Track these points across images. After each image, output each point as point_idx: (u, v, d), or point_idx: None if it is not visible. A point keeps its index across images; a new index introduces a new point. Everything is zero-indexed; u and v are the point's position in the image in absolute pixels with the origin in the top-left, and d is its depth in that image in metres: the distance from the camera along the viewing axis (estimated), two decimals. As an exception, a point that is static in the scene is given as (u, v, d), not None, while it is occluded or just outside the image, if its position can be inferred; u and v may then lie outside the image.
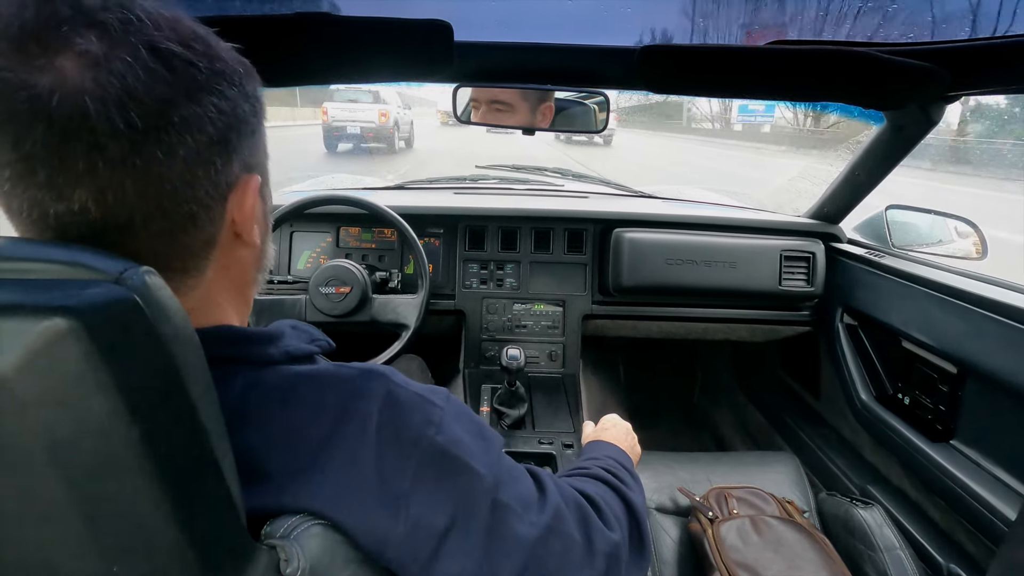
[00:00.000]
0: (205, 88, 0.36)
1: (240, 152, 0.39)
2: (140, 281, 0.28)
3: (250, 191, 0.41)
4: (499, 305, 1.45)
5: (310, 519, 0.37)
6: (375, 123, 10.01)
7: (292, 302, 1.19)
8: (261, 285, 0.50)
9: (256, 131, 0.42)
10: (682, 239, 1.37)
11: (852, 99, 0.91)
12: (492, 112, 1.08)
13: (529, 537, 0.44)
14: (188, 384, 0.29)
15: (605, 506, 0.54)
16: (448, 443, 0.42)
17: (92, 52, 0.31)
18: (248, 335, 0.42)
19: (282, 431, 0.39)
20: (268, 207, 0.47)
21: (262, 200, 0.45)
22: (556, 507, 0.47)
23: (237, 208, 0.40)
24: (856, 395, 1.29)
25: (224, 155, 0.38)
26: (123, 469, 0.26)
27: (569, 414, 1.28)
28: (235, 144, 0.39)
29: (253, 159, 0.42)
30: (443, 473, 0.41)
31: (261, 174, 0.44)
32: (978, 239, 1.15)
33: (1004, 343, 0.91)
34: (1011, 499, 0.90)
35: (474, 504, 0.42)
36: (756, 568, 0.85)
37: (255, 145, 0.42)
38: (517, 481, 0.46)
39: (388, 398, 0.42)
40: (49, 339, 0.23)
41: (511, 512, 0.43)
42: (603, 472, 0.63)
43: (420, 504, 0.40)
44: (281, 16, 0.74)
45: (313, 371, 0.42)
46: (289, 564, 0.34)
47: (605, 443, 0.75)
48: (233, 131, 0.38)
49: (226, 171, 0.38)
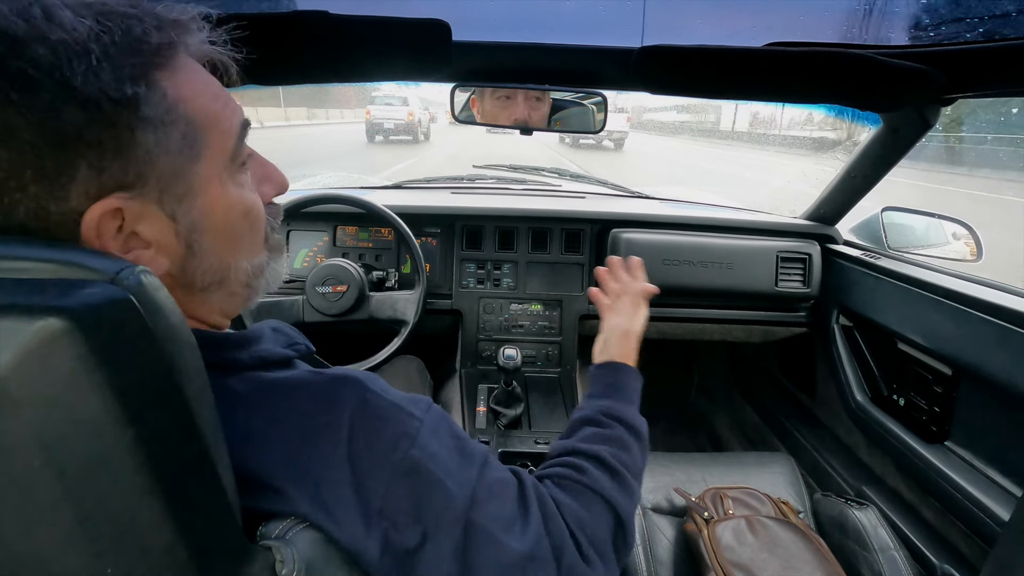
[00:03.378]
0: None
1: (84, 173, 0.32)
2: (136, 281, 0.27)
3: (100, 219, 0.33)
4: (496, 305, 1.45)
5: (304, 520, 0.37)
6: (404, 120, 13.08)
7: (289, 302, 1.19)
8: (233, 298, 0.45)
9: (124, 141, 0.33)
10: (679, 240, 1.38)
11: (848, 101, 0.92)
12: (493, 109, 1.07)
13: (502, 562, 0.41)
14: (183, 384, 0.29)
15: (587, 537, 0.48)
16: (423, 458, 0.40)
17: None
18: (219, 339, 0.41)
19: (251, 440, 0.37)
20: (186, 225, 0.38)
21: (170, 219, 0.37)
22: (536, 534, 0.44)
23: (94, 239, 0.33)
24: (851, 396, 1.29)
25: (42, 181, 0.31)
26: (117, 469, 0.26)
27: (566, 414, 1.28)
28: (64, 164, 0.31)
29: (129, 174, 0.34)
30: (415, 490, 0.39)
31: (160, 188, 0.36)
32: (973, 241, 1.16)
33: (999, 345, 0.91)
34: (1005, 500, 0.90)
35: (446, 525, 0.40)
36: (751, 568, 0.85)
37: (127, 157, 0.33)
38: (497, 499, 0.43)
39: (361, 407, 0.40)
40: (44, 339, 0.23)
41: (485, 535, 0.41)
42: (597, 472, 0.53)
43: (391, 521, 0.38)
44: (279, 14, 0.74)
45: (284, 378, 0.40)
46: (284, 565, 0.34)
47: (611, 383, 0.67)
48: (52, 149, 0.31)
49: (57, 197, 0.32)
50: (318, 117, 20.83)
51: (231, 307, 0.45)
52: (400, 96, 12.84)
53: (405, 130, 13.32)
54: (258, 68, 0.43)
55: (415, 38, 0.78)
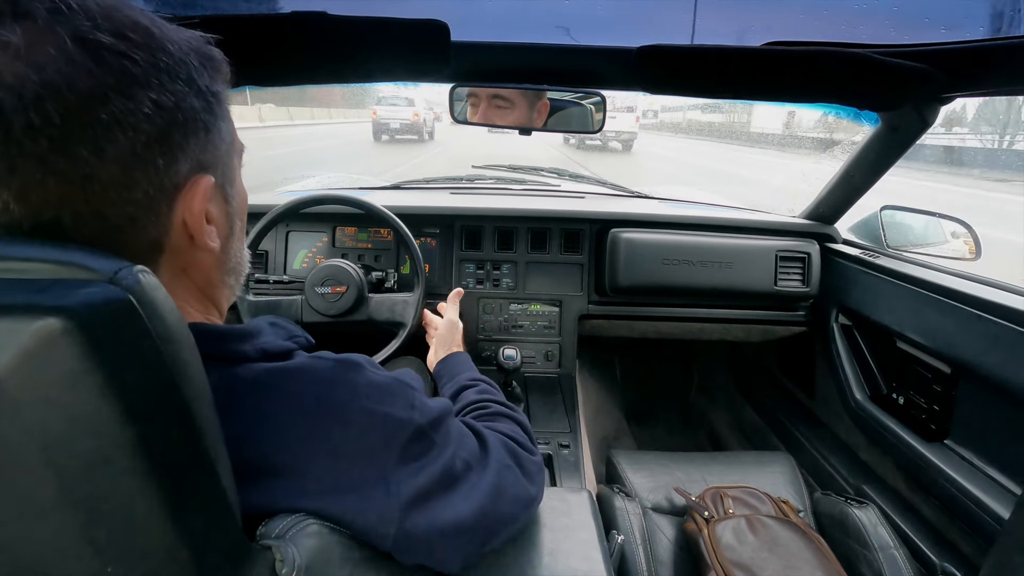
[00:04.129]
0: (140, 82, 0.33)
1: (188, 151, 0.37)
2: (134, 281, 0.27)
3: (200, 192, 0.38)
4: (495, 305, 1.45)
5: (305, 518, 0.37)
6: (409, 120, 13.80)
7: (289, 303, 1.19)
8: (235, 288, 0.49)
9: (212, 128, 0.39)
10: (678, 239, 1.38)
11: (847, 100, 0.92)
12: (492, 109, 1.07)
13: (484, 485, 0.51)
14: (183, 384, 0.29)
15: (514, 439, 0.62)
16: (428, 423, 0.46)
17: (14, 43, 0.29)
18: (222, 332, 0.42)
19: (261, 427, 0.39)
20: (234, 208, 0.45)
21: (224, 201, 0.43)
22: (497, 451, 0.56)
23: (187, 210, 0.38)
24: (851, 395, 1.29)
25: (167, 154, 0.35)
26: (117, 469, 0.26)
27: (565, 414, 1.28)
28: (180, 142, 0.36)
29: (207, 158, 0.39)
30: (425, 448, 0.45)
31: (222, 173, 0.42)
32: (972, 240, 1.16)
33: (998, 343, 0.91)
34: (1004, 498, 0.90)
35: (447, 469, 0.47)
36: (752, 568, 0.85)
37: (209, 143, 0.39)
38: (467, 438, 0.53)
39: (369, 385, 0.43)
40: (43, 339, 0.23)
41: (468, 469, 0.50)
42: (495, 406, 0.73)
43: (407, 480, 0.43)
44: (276, 15, 0.74)
45: (290, 366, 0.42)
46: (284, 564, 0.34)
47: (458, 360, 0.93)
48: (177, 128, 0.36)
49: (170, 171, 0.36)
50: (341, 116, 22.27)
51: (230, 297, 0.49)
52: (405, 97, 13.60)
53: (410, 129, 14.08)
54: (256, 69, 0.44)
55: (413, 38, 0.78)
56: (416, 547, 0.43)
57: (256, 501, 0.37)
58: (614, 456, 1.22)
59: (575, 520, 0.68)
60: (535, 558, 0.60)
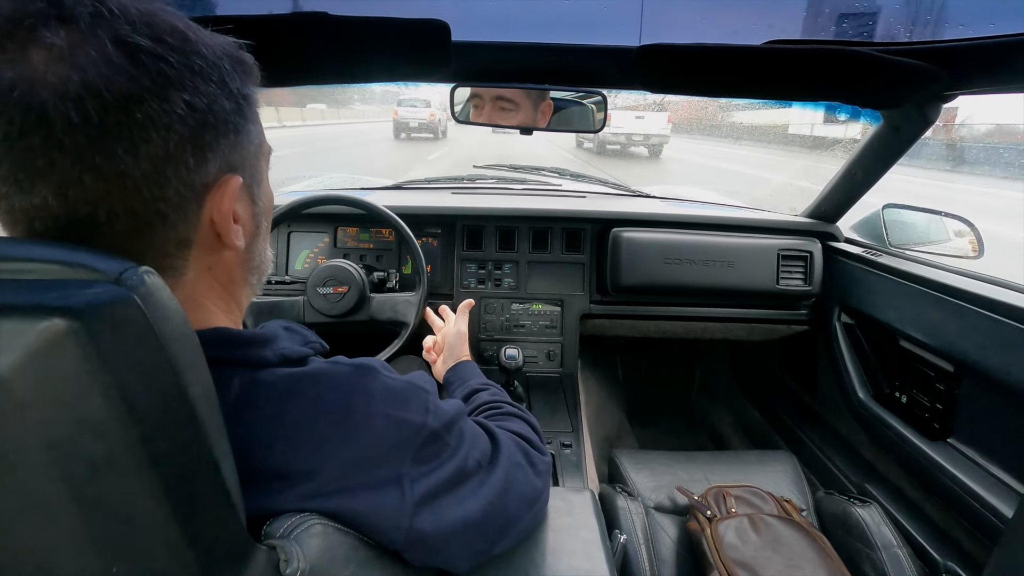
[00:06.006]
0: (175, 84, 0.34)
1: (218, 151, 0.38)
2: (140, 281, 0.28)
3: (228, 192, 0.40)
4: (497, 305, 1.45)
5: (310, 517, 0.37)
6: (426, 120, 15.13)
7: (290, 303, 1.19)
8: (257, 287, 0.50)
9: (241, 130, 0.40)
10: (680, 238, 1.38)
11: (849, 99, 0.91)
12: (495, 110, 1.07)
13: (494, 480, 0.52)
14: (187, 385, 0.29)
15: (524, 438, 0.64)
16: (442, 426, 0.47)
17: (58, 45, 0.31)
18: (243, 337, 0.42)
19: (282, 431, 0.39)
20: (260, 208, 0.46)
21: (251, 201, 0.44)
22: (508, 450, 0.56)
23: (216, 209, 0.39)
24: (854, 394, 1.29)
25: (198, 154, 0.37)
26: (122, 469, 0.26)
27: (567, 413, 1.28)
28: (211, 143, 0.37)
29: (236, 159, 0.41)
30: (439, 449, 0.46)
31: (250, 174, 0.43)
32: (974, 238, 1.15)
33: (1000, 341, 0.91)
34: (1008, 497, 0.90)
35: (459, 469, 0.48)
36: (754, 567, 0.85)
37: (239, 144, 0.40)
38: (480, 438, 0.54)
39: (385, 391, 0.44)
40: (48, 340, 0.23)
41: (479, 468, 0.51)
42: (507, 407, 0.74)
43: (420, 479, 0.43)
44: (277, 16, 0.74)
45: (310, 371, 0.43)
46: (289, 564, 0.34)
47: (467, 368, 0.94)
48: (208, 129, 0.37)
49: (200, 171, 0.37)
50: (369, 115, 24.48)
51: (251, 296, 0.50)
52: (424, 99, 15.01)
53: (427, 128, 15.43)
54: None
55: (414, 38, 0.78)
56: (426, 545, 0.44)
57: (270, 503, 0.37)
58: (616, 455, 1.22)
59: (578, 519, 0.68)
60: (538, 557, 0.61)
